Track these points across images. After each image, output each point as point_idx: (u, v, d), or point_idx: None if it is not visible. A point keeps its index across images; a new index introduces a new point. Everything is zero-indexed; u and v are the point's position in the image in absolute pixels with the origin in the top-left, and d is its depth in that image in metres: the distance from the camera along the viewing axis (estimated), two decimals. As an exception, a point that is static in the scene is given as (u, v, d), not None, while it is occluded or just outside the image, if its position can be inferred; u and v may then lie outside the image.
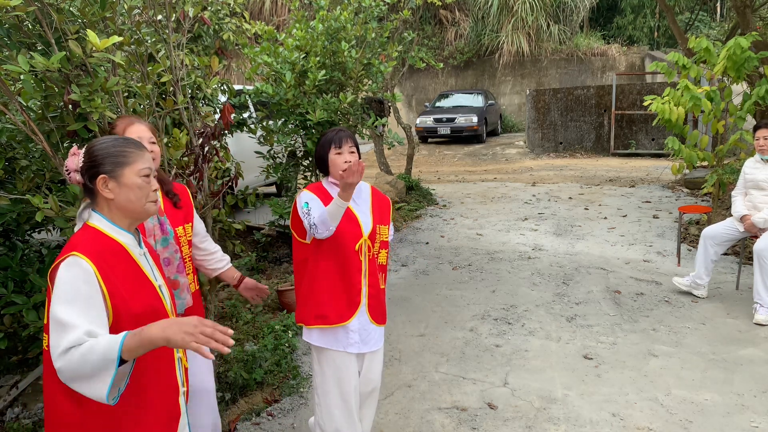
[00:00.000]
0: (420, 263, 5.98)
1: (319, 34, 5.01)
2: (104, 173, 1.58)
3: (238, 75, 14.96)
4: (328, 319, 2.43)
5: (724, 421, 3.08)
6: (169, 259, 2.28)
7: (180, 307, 2.30)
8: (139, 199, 1.61)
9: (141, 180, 1.60)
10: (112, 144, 1.61)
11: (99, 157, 1.59)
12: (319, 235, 2.33)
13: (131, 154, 1.61)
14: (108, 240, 1.58)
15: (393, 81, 9.95)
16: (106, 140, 1.63)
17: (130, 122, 2.27)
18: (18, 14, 2.24)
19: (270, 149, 5.22)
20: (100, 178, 1.57)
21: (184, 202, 2.44)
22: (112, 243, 1.58)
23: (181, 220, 2.38)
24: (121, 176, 1.58)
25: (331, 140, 2.42)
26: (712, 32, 17.21)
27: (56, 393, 1.52)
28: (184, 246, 2.36)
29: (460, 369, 3.72)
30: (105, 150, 1.60)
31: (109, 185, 1.58)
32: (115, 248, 1.58)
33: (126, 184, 1.59)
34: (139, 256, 1.64)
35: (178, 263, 2.30)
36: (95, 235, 1.57)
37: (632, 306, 4.67)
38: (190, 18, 3.27)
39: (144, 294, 1.59)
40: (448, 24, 19.53)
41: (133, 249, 1.63)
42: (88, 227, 1.59)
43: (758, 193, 4.60)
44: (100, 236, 1.57)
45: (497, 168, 13.03)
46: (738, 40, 5.27)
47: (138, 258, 1.63)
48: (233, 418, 3.17)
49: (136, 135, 2.22)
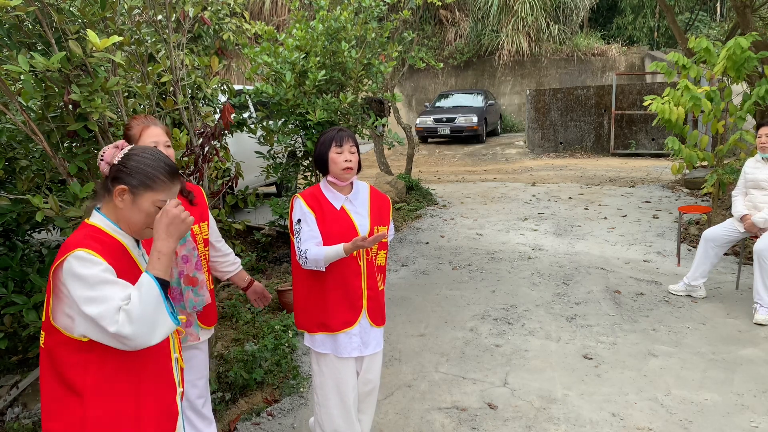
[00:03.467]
0: (420, 263, 5.98)
1: (319, 34, 5.01)
2: (127, 185, 1.56)
3: (238, 75, 14.97)
4: (331, 327, 2.44)
5: (724, 421, 3.08)
6: (188, 256, 2.29)
7: (200, 304, 2.32)
8: (142, 222, 1.60)
9: (154, 209, 1.59)
10: (153, 163, 1.59)
11: (132, 168, 1.57)
12: (306, 266, 2.36)
13: (161, 183, 1.59)
14: (109, 238, 1.57)
15: (393, 81, 9.95)
16: (149, 156, 1.61)
17: (146, 125, 2.25)
18: (18, 14, 2.24)
19: (270, 149, 5.22)
20: (119, 188, 1.56)
21: (199, 200, 2.46)
22: (113, 241, 1.58)
23: (197, 218, 2.40)
24: (139, 197, 1.57)
25: (332, 139, 2.42)
26: (712, 32, 17.21)
27: (55, 392, 1.51)
28: (200, 244, 2.39)
29: (460, 369, 3.72)
30: (143, 164, 1.58)
31: (124, 197, 1.57)
32: (117, 246, 1.58)
33: (138, 205, 1.58)
34: (139, 257, 1.65)
35: (196, 260, 2.32)
36: (96, 232, 1.56)
37: (632, 306, 4.67)
38: (190, 18, 3.27)
39: None
40: (448, 24, 19.52)
41: (132, 250, 1.63)
42: (87, 225, 1.59)
43: (758, 193, 4.59)
44: (102, 234, 1.57)
45: (497, 168, 13.03)
46: (738, 40, 5.27)
47: (137, 258, 1.64)
48: (233, 418, 3.17)
49: (152, 139, 2.22)
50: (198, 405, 2.45)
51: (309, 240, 2.37)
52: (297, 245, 2.39)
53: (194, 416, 2.45)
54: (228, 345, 3.94)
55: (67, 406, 1.51)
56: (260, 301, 2.72)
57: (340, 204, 2.45)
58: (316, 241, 2.38)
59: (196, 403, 2.44)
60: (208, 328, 2.47)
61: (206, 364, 2.49)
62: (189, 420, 2.44)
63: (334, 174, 2.43)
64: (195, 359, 2.43)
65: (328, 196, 2.46)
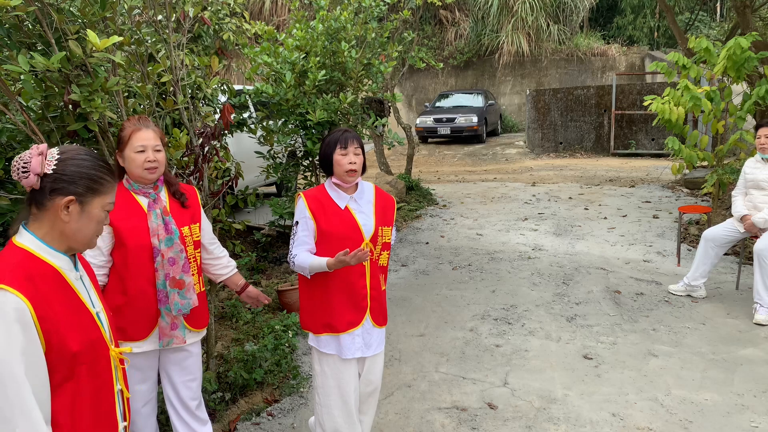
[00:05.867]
0: (420, 263, 5.98)
1: (319, 34, 5.01)
2: (73, 194, 1.40)
3: (238, 75, 14.96)
4: (336, 328, 2.44)
5: (724, 421, 3.08)
6: (174, 258, 2.28)
7: (186, 307, 2.30)
8: (93, 232, 1.46)
9: (103, 214, 1.47)
10: (92, 165, 1.44)
11: (74, 175, 1.41)
12: (292, 269, 2.43)
13: (106, 185, 1.46)
14: (40, 263, 1.38)
15: (393, 81, 9.95)
16: (85, 158, 1.45)
17: (137, 128, 2.24)
18: (18, 14, 2.24)
19: (270, 149, 5.22)
20: (66, 200, 1.39)
21: (192, 202, 2.45)
22: (44, 267, 1.39)
23: (187, 220, 2.38)
24: (88, 204, 1.43)
25: (338, 140, 2.42)
26: (712, 32, 17.21)
27: None
28: (190, 246, 2.37)
29: (460, 369, 3.72)
30: (83, 167, 1.42)
31: (70, 209, 1.40)
32: (48, 273, 1.39)
33: (89, 214, 1.43)
34: (75, 281, 1.46)
35: (183, 263, 2.30)
36: (25, 257, 1.37)
37: (632, 306, 4.67)
38: (190, 18, 3.27)
39: (82, 326, 1.43)
40: (448, 24, 19.53)
41: (68, 273, 1.44)
42: (15, 248, 1.38)
43: (758, 193, 4.59)
44: (31, 259, 1.37)
45: (497, 168, 13.03)
46: (738, 40, 5.27)
47: (74, 282, 1.45)
48: (233, 418, 3.17)
49: (141, 142, 2.22)
50: (192, 406, 2.45)
51: (301, 245, 2.42)
52: (290, 246, 2.46)
53: (188, 417, 2.45)
54: (228, 345, 3.94)
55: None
56: (256, 303, 2.70)
57: (344, 203, 2.46)
58: (308, 247, 2.43)
59: (190, 405, 2.44)
60: (198, 331, 2.44)
61: (199, 365, 2.48)
62: (183, 421, 2.44)
63: (338, 175, 2.43)
64: (187, 361, 2.42)
65: (333, 196, 2.47)
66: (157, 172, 2.27)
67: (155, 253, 2.24)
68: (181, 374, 2.41)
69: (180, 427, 2.45)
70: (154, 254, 2.24)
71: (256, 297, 2.65)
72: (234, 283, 2.63)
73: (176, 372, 2.40)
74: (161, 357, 2.39)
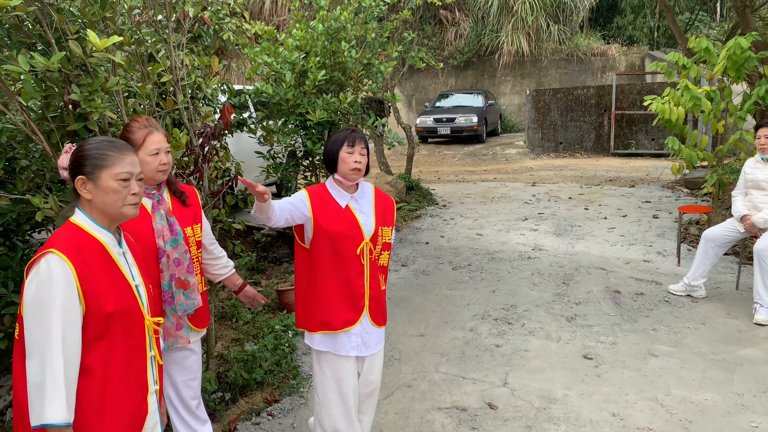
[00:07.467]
0: (420, 263, 5.98)
1: (319, 34, 5.01)
2: (83, 174, 1.62)
3: (238, 75, 14.96)
4: (331, 326, 2.44)
5: (724, 421, 3.08)
6: (179, 259, 2.28)
7: (191, 308, 2.31)
8: (115, 202, 1.64)
9: (117, 184, 1.63)
10: (96, 146, 1.65)
11: (81, 158, 1.64)
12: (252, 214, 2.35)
13: (110, 158, 1.64)
14: (87, 237, 1.62)
15: (393, 81, 9.95)
16: (92, 141, 1.67)
17: (150, 131, 2.23)
18: (18, 14, 2.24)
19: (270, 149, 5.22)
20: (78, 179, 1.62)
21: (192, 201, 2.45)
22: (91, 240, 1.62)
23: (190, 220, 2.39)
24: (98, 179, 1.62)
25: (345, 138, 2.43)
26: (712, 32, 17.21)
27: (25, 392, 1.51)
28: (193, 246, 2.37)
29: (460, 369, 3.72)
30: (87, 151, 1.64)
31: (87, 186, 1.63)
32: (94, 246, 1.62)
33: (102, 187, 1.62)
34: (118, 255, 1.68)
35: (188, 263, 2.30)
36: (76, 231, 1.61)
37: (632, 306, 4.67)
38: (190, 18, 3.27)
39: (119, 293, 1.63)
40: (448, 24, 19.53)
41: (112, 248, 1.66)
42: (70, 224, 1.64)
43: (758, 193, 4.59)
44: (81, 233, 1.62)
45: (497, 168, 13.03)
46: (738, 40, 5.27)
47: (117, 257, 1.67)
48: (233, 418, 3.17)
49: (155, 145, 2.22)
50: (192, 405, 2.45)
51: (283, 203, 2.37)
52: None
53: (189, 416, 2.45)
54: (228, 345, 3.94)
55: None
56: (253, 303, 2.70)
57: (345, 202, 2.46)
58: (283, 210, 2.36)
59: (191, 404, 2.44)
60: (200, 330, 2.45)
61: (199, 365, 2.49)
62: (183, 420, 2.44)
63: (342, 173, 2.44)
64: (188, 360, 2.42)
65: (334, 194, 2.47)
66: (167, 173, 2.30)
67: (160, 254, 2.25)
68: (182, 373, 2.41)
69: (180, 426, 2.45)
70: (159, 255, 2.25)
71: (253, 297, 2.66)
72: (232, 282, 2.65)
73: (177, 371, 2.40)
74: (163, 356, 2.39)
